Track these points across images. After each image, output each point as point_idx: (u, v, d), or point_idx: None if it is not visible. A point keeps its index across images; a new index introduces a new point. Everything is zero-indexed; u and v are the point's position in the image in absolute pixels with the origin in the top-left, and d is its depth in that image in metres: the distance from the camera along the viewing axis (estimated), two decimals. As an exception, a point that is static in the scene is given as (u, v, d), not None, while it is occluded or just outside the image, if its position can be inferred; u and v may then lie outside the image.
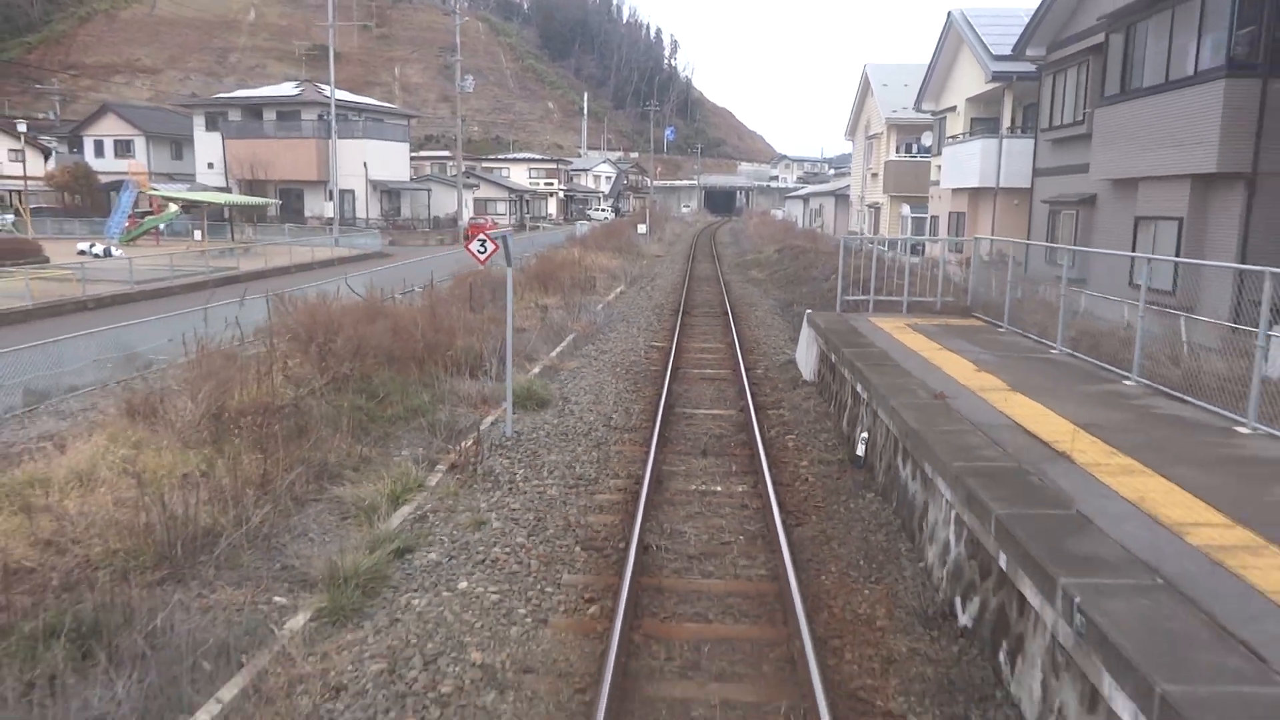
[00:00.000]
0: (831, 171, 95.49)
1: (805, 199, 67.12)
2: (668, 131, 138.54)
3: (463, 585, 6.29)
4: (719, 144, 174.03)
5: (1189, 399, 7.93)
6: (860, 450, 8.98)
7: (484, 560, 6.74)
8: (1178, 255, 14.44)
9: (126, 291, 23.31)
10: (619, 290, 26.31)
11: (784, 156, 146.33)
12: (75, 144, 60.17)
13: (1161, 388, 8.38)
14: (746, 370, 13.86)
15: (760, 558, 6.90)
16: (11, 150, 61.50)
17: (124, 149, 56.83)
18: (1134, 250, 15.28)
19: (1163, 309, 11.30)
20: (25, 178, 48.67)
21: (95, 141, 57.83)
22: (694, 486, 8.60)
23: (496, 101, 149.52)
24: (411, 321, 13.49)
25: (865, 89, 41.00)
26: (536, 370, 13.76)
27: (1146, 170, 15.59)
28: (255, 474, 7.73)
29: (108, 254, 32.08)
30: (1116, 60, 16.73)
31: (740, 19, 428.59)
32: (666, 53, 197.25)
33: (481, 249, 9.26)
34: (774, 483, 8.30)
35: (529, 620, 5.82)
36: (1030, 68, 21.79)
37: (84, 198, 51.43)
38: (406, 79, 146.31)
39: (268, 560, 6.62)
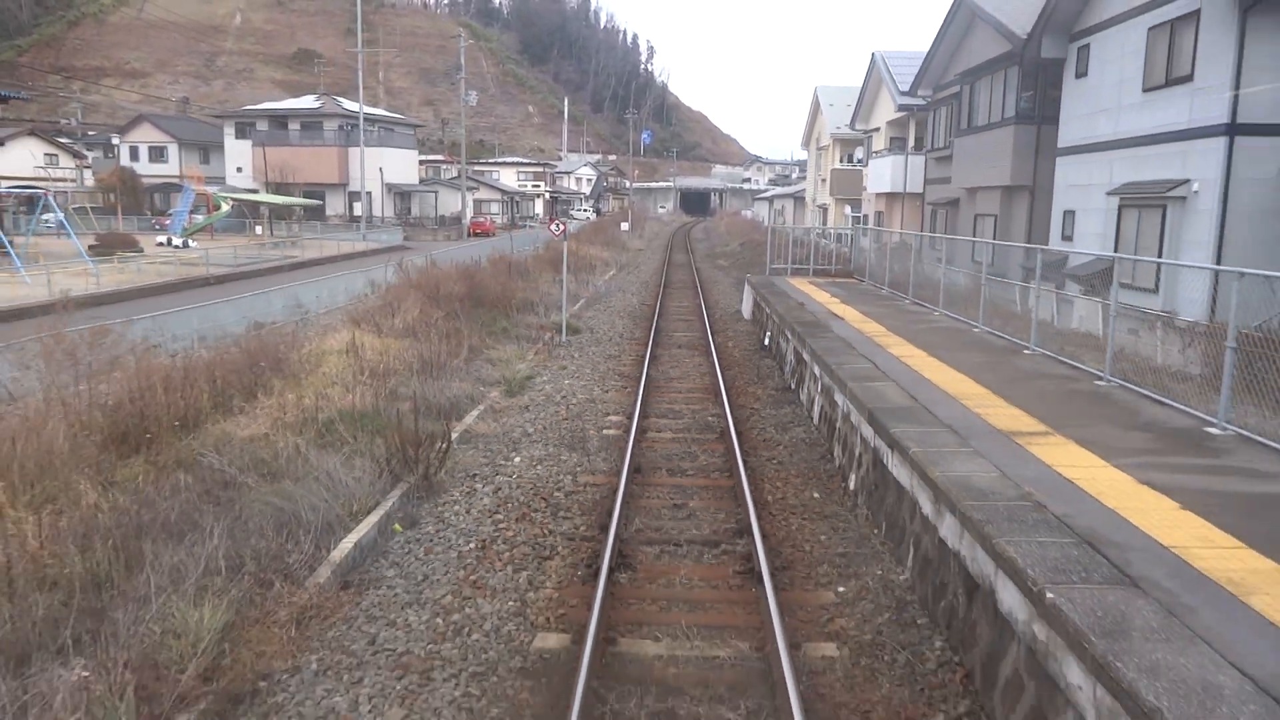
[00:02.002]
0: (798, 174, 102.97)
1: (770, 200, 74.58)
2: (645, 135, 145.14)
3: (567, 382, 13.47)
4: (694, 147, 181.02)
5: (926, 304, 15.23)
6: (766, 341, 16.18)
7: (573, 377, 13.89)
8: (994, 240, 21.76)
9: (231, 273, 30.11)
10: (612, 273, 33.45)
11: (756, 159, 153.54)
12: (110, 149, 66.34)
13: (920, 301, 15.69)
14: (707, 315, 21.05)
15: (707, 379, 14.07)
16: (47, 154, 67.68)
17: (158, 154, 63.18)
18: (974, 236, 22.59)
19: (972, 274, 18.57)
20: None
21: (131, 147, 64.10)
22: (674, 358, 15.77)
23: (479, 106, 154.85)
24: (487, 281, 20.57)
25: (816, 108, 48.34)
26: (567, 315, 20.83)
27: (979, 182, 22.96)
28: (444, 348, 14.76)
29: (185, 246, 38.66)
30: (965, 105, 24.11)
31: (716, 25, 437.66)
32: (643, 58, 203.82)
33: (558, 228, 16.53)
34: (717, 356, 15.45)
35: (599, 390, 13.02)
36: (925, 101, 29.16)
37: (126, 199, 57.69)
38: (390, 83, 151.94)
39: (469, 375, 13.68)
